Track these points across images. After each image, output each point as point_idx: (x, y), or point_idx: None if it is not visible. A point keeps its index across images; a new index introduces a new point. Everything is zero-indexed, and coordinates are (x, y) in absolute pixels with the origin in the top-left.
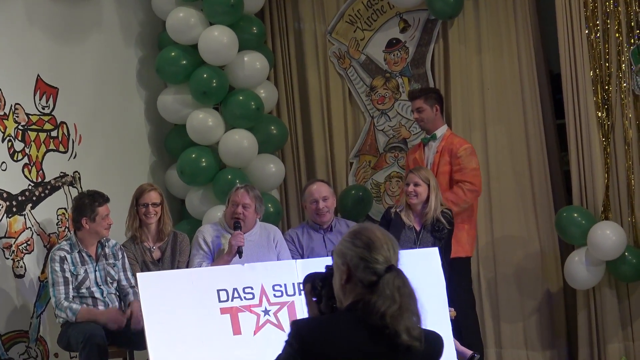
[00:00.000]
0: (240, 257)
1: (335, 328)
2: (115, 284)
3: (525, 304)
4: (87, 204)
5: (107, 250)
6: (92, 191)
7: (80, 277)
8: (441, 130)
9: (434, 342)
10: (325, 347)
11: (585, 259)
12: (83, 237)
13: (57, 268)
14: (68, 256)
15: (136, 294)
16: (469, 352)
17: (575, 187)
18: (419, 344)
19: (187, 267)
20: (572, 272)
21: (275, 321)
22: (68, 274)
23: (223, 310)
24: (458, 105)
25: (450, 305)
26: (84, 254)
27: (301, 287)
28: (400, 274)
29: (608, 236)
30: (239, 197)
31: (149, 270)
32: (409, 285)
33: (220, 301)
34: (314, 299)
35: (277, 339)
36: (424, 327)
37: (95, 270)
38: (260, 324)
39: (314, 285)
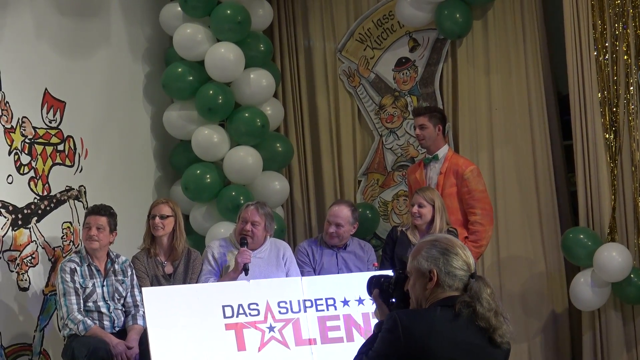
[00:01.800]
0: (246, 274)
1: (436, 321)
2: (122, 300)
3: (530, 324)
4: (85, 215)
5: (116, 266)
6: (98, 204)
7: (88, 291)
8: (443, 151)
9: None
10: (426, 337)
11: (591, 281)
12: (91, 251)
13: (68, 279)
14: (78, 268)
15: (138, 313)
16: None
17: (581, 209)
18: (508, 341)
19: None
20: (577, 293)
21: (280, 338)
22: (78, 286)
23: (228, 326)
24: (466, 125)
25: None
26: (92, 268)
27: (306, 302)
28: (486, 281)
29: (614, 258)
30: (248, 214)
31: (159, 284)
32: (493, 289)
33: (225, 317)
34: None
35: (282, 356)
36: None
37: (103, 285)
38: (265, 340)
39: (383, 288)
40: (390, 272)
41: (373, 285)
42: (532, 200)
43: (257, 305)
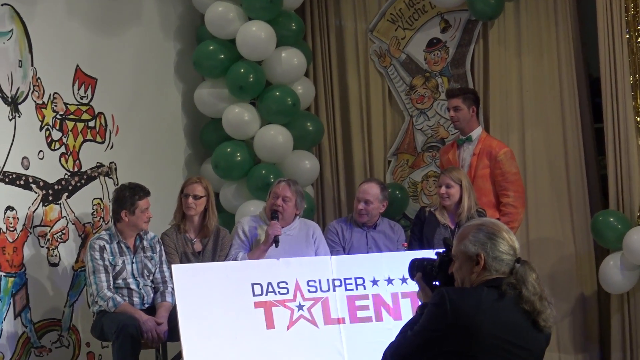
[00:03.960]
0: (276, 246)
1: (483, 299)
2: (151, 277)
3: (559, 306)
4: (128, 197)
5: (145, 242)
6: (133, 184)
7: (118, 268)
8: (476, 132)
9: None
10: (473, 313)
11: (620, 263)
12: (122, 229)
13: (97, 256)
14: (107, 246)
15: (167, 289)
16: None
17: (612, 191)
18: (550, 326)
19: (225, 259)
20: (606, 276)
21: (309, 316)
22: (107, 263)
23: (257, 304)
24: (496, 107)
25: None
26: (122, 245)
27: (335, 281)
28: (531, 266)
29: None
30: (280, 189)
31: (189, 261)
32: (538, 274)
33: (254, 295)
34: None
35: (310, 334)
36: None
37: (133, 262)
38: (294, 318)
39: (426, 271)
40: (431, 255)
41: (416, 268)
42: (562, 183)
43: (286, 283)
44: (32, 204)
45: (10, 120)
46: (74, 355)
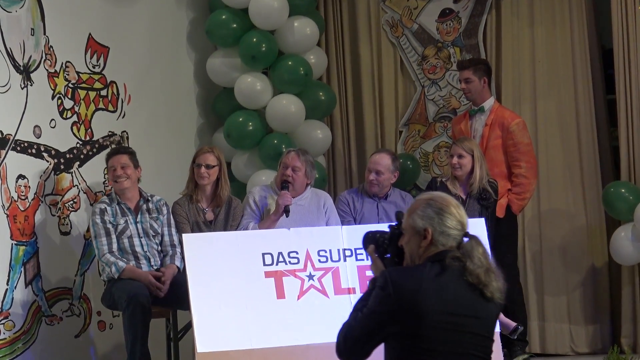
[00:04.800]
0: (287, 216)
1: (424, 276)
2: (158, 238)
3: (570, 278)
4: (106, 157)
5: (150, 205)
6: (118, 146)
7: (120, 227)
8: (489, 103)
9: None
10: (415, 293)
11: (631, 235)
12: (121, 192)
13: (98, 220)
14: (108, 208)
15: (176, 254)
16: (513, 324)
17: (623, 163)
18: (500, 296)
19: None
20: (617, 248)
21: (319, 286)
22: (109, 225)
23: (267, 274)
24: (509, 78)
25: None
26: (123, 207)
27: (346, 251)
28: (478, 240)
29: None
30: (289, 159)
31: (200, 231)
32: (486, 248)
33: (265, 265)
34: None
35: (321, 304)
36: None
37: (137, 222)
38: (304, 288)
39: (379, 244)
40: (385, 228)
41: (369, 240)
42: (574, 154)
43: (297, 253)
44: (44, 172)
45: (22, 88)
46: (84, 324)
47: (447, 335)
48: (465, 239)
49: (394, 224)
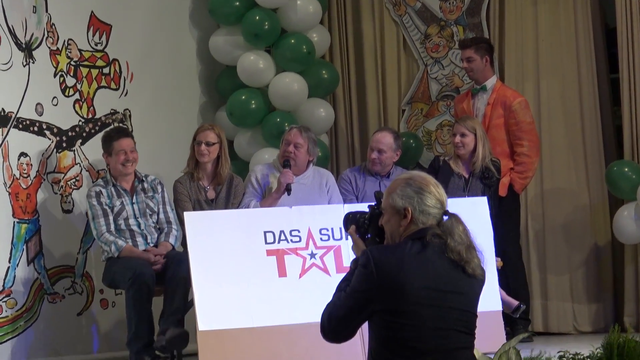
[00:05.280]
0: (288, 194)
1: (406, 254)
2: (154, 217)
3: (573, 256)
4: (107, 139)
5: (145, 185)
6: (115, 127)
7: (116, 209)
8: (491, 82)
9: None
10: (397, 271)
11: (634, 214)
12: (114, 174)
13: (95, 202)
14: (103, 190)
15: (171, 231)
16: (515, 303)
17: (626, 142)
18: (481, 273)
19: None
20: (620, 226)
21: (321, 265)
22: (106, 207)
23: (269, 252)
24: (512, 56)
25: (497, 255)
26: (119, 188)
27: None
28: (458, 218)
29: None
30: (291, 136)
31: (201, 209)
32: (466, 226)
33: (266, 243)
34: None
35: (323, 282)
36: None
37: (133, 203)
38: (306, 267)
39: (360, 224)
40: (365, 208)
41: (350, 221)
42: (577, 132)
43: (298, 231)
44: (46, 150)
45: (24, 66)
46: (87, 302)
47: (431, 311)
48: (445, 217)
49: (373, 204)
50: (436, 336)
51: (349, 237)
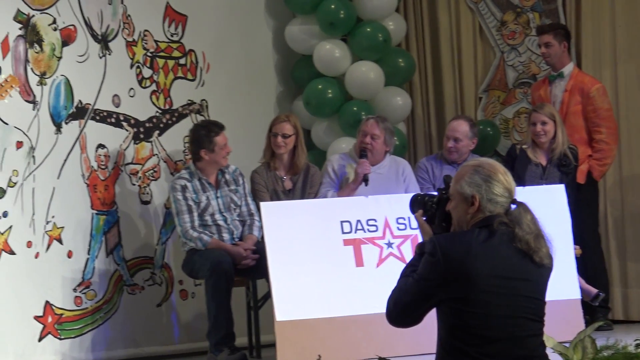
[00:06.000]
0: (366, 184)
1: (473, 242)
2: (238, 210)
3: None
4: (204, 135)
5: (227, 176)
6: (206, 121)
7: (202, 205)
8: (568, 68)
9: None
10: (464, 259)
11: None
12: (203, 167)
13: (180, 197)
14: (189, 184)
15: (254, 223)
16: (594, 291)
17: None
18: (549, 262)
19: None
20: None
21: (398, 254)
22: (191, 202)
23: (346, 242)
24: (589, 42)
25: (575, 243)
26: (204, 182)
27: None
28: (526, 207)
29: None
30: (368, 127)
31: (279, 199)
32: (535, 215)
33: (343, 232)
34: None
35: (400, 272)
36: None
37: (217, 197)
38: (383, 256)
39: (427, 208)
40: (434, 192)
41: (417, 204)
42: None
43: (375, 221)
44: (124, 141)
45: (101, 58)
46: (166, 293)
47: (499, 298)
48: (513, 206)
49: (442, 187)
50: (505, 324)
51: (416, 220)
